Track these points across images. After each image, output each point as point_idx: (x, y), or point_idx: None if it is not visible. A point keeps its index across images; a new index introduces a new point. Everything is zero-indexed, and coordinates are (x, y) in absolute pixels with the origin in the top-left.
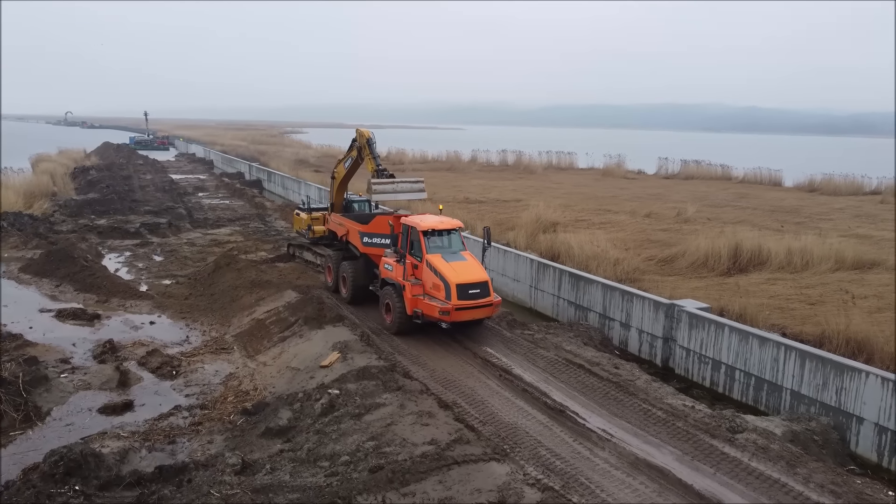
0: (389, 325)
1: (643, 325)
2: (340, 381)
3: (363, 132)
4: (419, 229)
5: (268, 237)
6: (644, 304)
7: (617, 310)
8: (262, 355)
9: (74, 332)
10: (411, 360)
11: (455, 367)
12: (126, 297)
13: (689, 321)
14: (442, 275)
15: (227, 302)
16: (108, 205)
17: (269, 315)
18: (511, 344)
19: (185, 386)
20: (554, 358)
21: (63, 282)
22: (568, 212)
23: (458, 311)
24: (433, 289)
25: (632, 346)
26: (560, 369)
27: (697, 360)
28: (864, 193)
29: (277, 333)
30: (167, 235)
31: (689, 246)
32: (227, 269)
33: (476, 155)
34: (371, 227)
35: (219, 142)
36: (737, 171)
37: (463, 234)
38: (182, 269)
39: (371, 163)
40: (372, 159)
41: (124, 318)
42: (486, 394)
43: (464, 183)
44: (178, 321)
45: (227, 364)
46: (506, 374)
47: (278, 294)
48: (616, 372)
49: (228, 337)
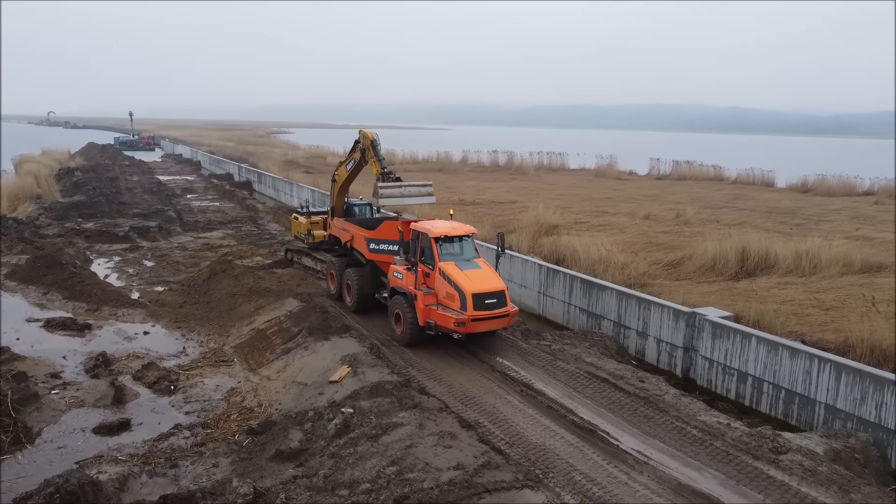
0: (400, 336)
1: (662, 335)
2: (353, 399)
3: (367, 133)
4: (431, 236)
5: (262, 241)
6: (663, 313)
7: (633, 318)
8: (266, 368)
9: (64, 343)
10: (426, 375)
11: (473, 382)
12: (117, 305)
13: (712, 331)
14: (456, 284)
15: (224, 311)
16: (95, 207)
17: (271, 325)
18: (528, 356)
19: (185, 402)
20: (575, 371)
21: (51, 289)
22: (566, 214)
23: (474, 322)
24: (447, 298)
25: (649, 355)
26: (583, 383)
27: (722, 371)
28: (857, 194)
29: (280, 345)
30: (157, 239)
31: (695, 249)
32: (222, 275)
33: (467, 155)
34: (378, 232)
35: (205, 142)
36: (729, 172)
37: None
38: (174, 275)
39: (376, 165)
40: (377, 161)
41: (117, 329)
42: (509, 411)
43: (457, 184)
44: (173, 331)
45: (228, 378)
46: (527, 389)
47: (279, 302)
48: (642, 386)
49: (228, 348)
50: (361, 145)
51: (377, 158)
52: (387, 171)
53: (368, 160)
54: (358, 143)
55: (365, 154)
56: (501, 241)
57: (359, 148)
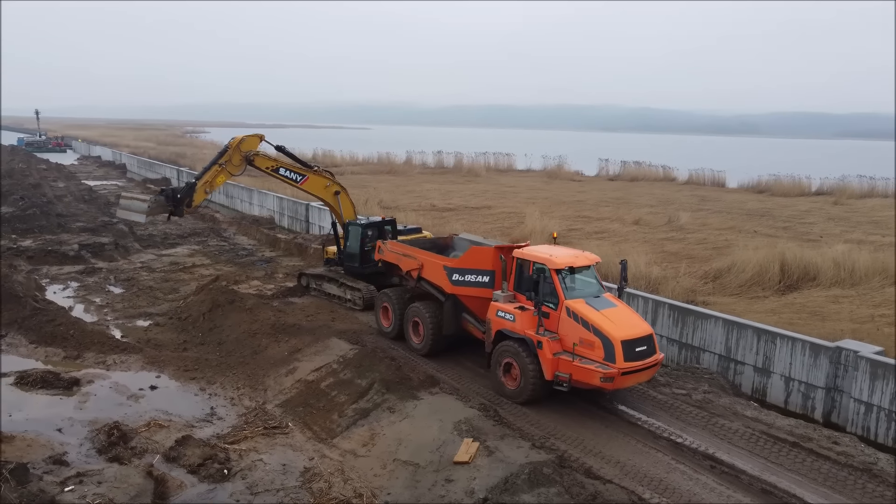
0: (514, 391)
1: (794, 373)
2: (509, 491)
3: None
4: (551, 267)
5: (239, 258)
6: (795, 347)
7: (749, 352)
8: (343, 439)
9: (53, 408)
10: (575, 446)
11: (639, 455)
12: (104, 349)
13: (869, 370)
14: (597, 328)
15: (247, 355)
16: (30, 221)
17: (322, 375)
18: (672, 409)
19: (251, 493)
20: (745, 430)
21: (10, 330)
22: (552, 220)
23: (624, 376)
24: (583, 346)
25: (774, 396)
26: (769, 449)
27: (885, 417)
28: (810, 194)
29: (349, 404)
30: (115, 258)
31: (735, 260)
32: (229, 307)
33: (411, 157)
34: (464, 260)
35: (121, 143)
36: (678, 173)
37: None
38: (154, 305)
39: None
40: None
41: (113, 383)
42: (714, 499)
43: (415, 188)
44: (186, 384)
45: (293, 452)
46: (715, 463)
47: (320, 344)
48: (842, 450)
49: (272, 407)
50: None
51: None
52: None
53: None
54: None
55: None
56: (624, 269)
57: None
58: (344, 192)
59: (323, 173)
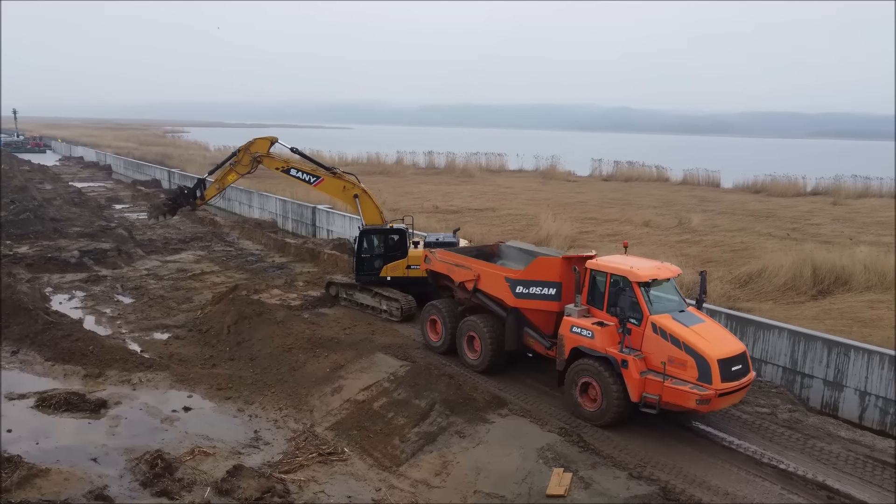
0: (594, 413)
1: (870, 387)
2: None
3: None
4: (633, 280)
5: (249, 264)
6: (871, 360)
7: (818, 365)
8: (410, 467)
9: (83, 434)
10: (675, 475)
11: (747, 485)
12: (126, 367)
13: None
14: (690, 346)
15: (285, 372)
16: (24, 227)
17: (372, 394)
18: (761, 431)
19: None
20: (846, 454)
21: (23, 346)
22: (563, 223)
23: (720, 397)
24: (673, 365)
25: (847, 410)
26: (879, 475)
27: None
28: (807, 194)
29: (410, 427)
30: (119, 265)
31: (766, 264)
32: (257, 319)
33: (402, 157)
34: (529, 272)
35: (102, 143)
36: (672, 173)
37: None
38: (169, 316)
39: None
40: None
41: (142, 404)
42: None
43: (412, 189)
44: (222, 403)
45: (356, 482)
46: (831, 493)
47: (365, 360)
48: None
49: (321, 431)
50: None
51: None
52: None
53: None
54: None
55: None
56: (703, 281)
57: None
58: (366, 195)
59: (345, 176)
